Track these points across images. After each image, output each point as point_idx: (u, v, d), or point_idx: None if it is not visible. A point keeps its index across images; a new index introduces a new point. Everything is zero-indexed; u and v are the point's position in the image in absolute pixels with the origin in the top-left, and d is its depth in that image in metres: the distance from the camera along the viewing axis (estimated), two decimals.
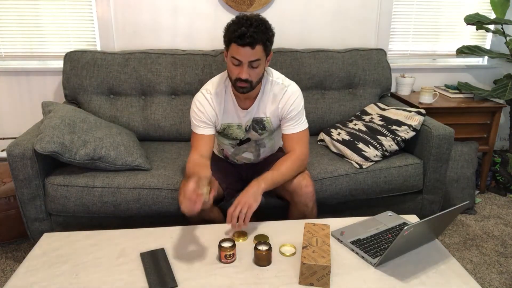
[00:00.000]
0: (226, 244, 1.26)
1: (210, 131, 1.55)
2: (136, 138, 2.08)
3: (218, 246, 1.25)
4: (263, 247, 1.25)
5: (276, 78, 1.58)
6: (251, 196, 1.40)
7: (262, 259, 1.24)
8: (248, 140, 1.69)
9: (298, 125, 1.58)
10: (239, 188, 1.81)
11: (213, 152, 1.77)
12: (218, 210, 1.69)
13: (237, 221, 1.37)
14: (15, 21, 2.32)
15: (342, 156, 2.01)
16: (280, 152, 1.70)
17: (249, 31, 1.33)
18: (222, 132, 1.65)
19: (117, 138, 1.86)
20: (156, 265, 1.24)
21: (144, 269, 1.22)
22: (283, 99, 1.55)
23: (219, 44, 2.44)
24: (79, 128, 1.79)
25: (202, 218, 1.57)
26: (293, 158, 1.55)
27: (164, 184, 1.76)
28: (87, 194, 1.73)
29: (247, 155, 1.75)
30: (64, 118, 1.78)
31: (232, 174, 1.77)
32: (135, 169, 1.83)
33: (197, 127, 1.55)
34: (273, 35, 1.43)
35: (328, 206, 1.94)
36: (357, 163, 1.93)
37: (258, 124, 1.62)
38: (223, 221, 1.68)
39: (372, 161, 1.94)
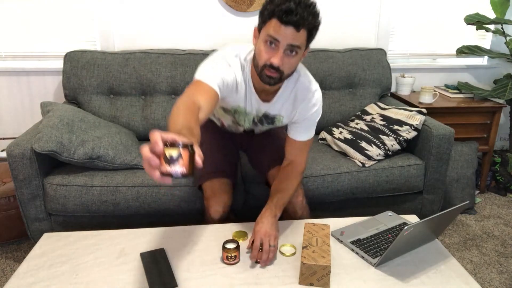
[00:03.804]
0: (230, 246, 1.26)
1: (217, 90, 1.19)
2: (135, 137, 2.09)
3: (222, 247, 1.25)
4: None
5: (303, 78, 1.37)
6: (271, 227, 1.27)
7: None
8: (251, 131, 1.59)
9: (308, 133, 1.45)
10: (236, 161, 1.71)
11: (210, 121, 1.65)
12: (232, 214, 1.70)
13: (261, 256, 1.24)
14: (15, 21, 2.32)
15: (344, 154, 2.01)
16: (280, 128, 1.62)
17: (298, 9, 1.11)
18: (229, 111, 1.45)
19: (115, 137, 1.86)
20: (156, 265, 1.23)
21: (144, 269, 1.22)
22: (304, 105, 1.38)
23: (219, 44, 2.45)
24: (78, 127, 1.79)
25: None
26: (297, 175, 1.45)
27: None
28: (86, 194, 1.73)
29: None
30: (62, 117, 1.78)
31: (229, 150, 1.66)
32: (134, 168, 1.83)
33: (207, 77, 1.19)
34: (320, 24, 1.21)
35: (329, 204, 1.95)
36: (360, 161, 1.93)
37: (267, 119, 1.47)
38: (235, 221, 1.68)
39: (374, 160, 1.94)
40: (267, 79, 1.21)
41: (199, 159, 0.81)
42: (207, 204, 1.53)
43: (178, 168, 0.79)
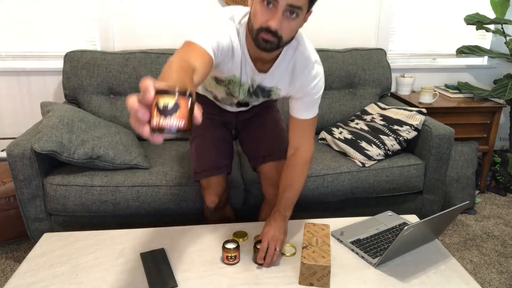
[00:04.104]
0: (230, 246, 1.26)
1: (212, 54, 1.02)
2: (135, 137, 2.08)
3: (222, 247, 1.25)
4: None
5: (303, 47, 1.23)
6: (279, 230, 1.27)
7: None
8: (246, 104, 1.46)
9: (311, 110, 1.31)
10: (230, 150, 1.62)
11: (203, 97, 1.52)
12: (230, 208, 1.70)
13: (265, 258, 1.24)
14: (15, 21, 2.32)
15: (344, 154, 2.02)
16: (278, 113, 1.56)
17: None
18: (223, 81, 1.30)
19: (115, 137, 1.86)
20: (156, 265, 1.23)
21: (144, 269, 1.22)
22: (304, 78, 1.24)
23: None
24: (78, 127, 1.79)
25: (217, 218, 1.58)
26: (304, 165, 1.36)
27: (162, 181, 1.76)
28: (86, 193, 1.73)
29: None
30: (62, 117, 1.78)
31: (223, 141, 1.56)
32: (134, 168, 1.83)
33: (201, 39, 1.01)
34: None
35: (329, 204, 1.95)
36: (360, 161, 1.93)
37: (263, 92, 1.32)
38: (235, 220, 1.69)
39: (375, 160, 1.94)
40: (264, 43, 1.07)
41: (198, 112, 0.65)
42: (203, 194, 1.56)
43: (174, 121, 0.62)
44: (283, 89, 1.29)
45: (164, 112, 0.61)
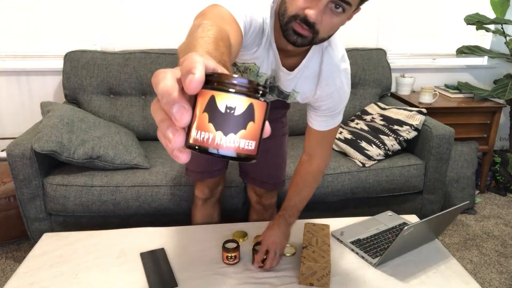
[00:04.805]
0: (230, 246, 1.26)
1: (242, 30, 0.79)
2: (135, 137, 2.09)
3: (222, 247, 1.25)
4: None
5: (333, 50, 1.02)
6: (280, 236, 1.22)
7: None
8: None
9: (330, 122, 1.13)
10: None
11: None
12: (219, 211, 1.69)
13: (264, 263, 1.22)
14: (15, 21, 2.32)
15: (344, 154, 2.02)
16: (284, 137, 1.47)
17: None
18: (236, 67, 1.06)
19: (115, 137, 1.86)
20: (156, 265, 1.23)
21: (144, 269, 1.22)
22: (325, 86, 1.05)
23: None
24: (78, 127, 1.79)
25: (202, 214, 1.57)
26: (315, 176, 1.25)
27: (162, 181, 1.76)
28: (86, 193, 1.73)
29: None
30: (62, 117, 1.78)
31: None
32: (134, 168, 1.83)
33: (234, 6, 0.78)
34: None
35: (329, 204, 1.95)
36: (360, 161, 1.93)
37: (279, 94, 1.12)
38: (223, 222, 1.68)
39: (375, 160, 1.94)
40: (293, 36, 0.86)
41: (268, 125, 0.40)
42: (195, 184, 1.52)
43: (240, 141, 0.35)
44: (301, 93, 1.09)
45: (223, 120, 0.34)
